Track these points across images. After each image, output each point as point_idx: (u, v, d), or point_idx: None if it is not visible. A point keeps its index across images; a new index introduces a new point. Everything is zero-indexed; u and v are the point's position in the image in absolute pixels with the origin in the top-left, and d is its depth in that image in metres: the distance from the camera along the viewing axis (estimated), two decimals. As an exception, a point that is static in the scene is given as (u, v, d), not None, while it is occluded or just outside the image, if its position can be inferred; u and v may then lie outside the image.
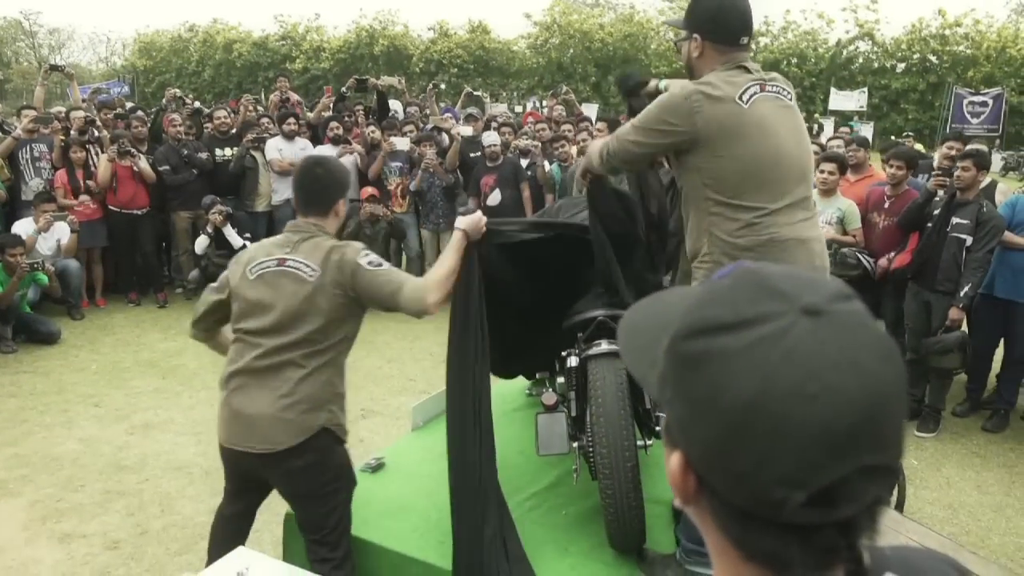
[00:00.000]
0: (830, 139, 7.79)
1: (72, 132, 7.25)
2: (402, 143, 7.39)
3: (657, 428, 2.57)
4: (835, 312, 0.59)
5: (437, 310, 2.41)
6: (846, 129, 8.03)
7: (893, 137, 16.78)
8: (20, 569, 3.26)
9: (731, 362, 0.58)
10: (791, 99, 2.27)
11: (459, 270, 2.46)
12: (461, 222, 2.51)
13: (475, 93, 10.66)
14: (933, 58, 25.00)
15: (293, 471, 2.39)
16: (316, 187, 2.52)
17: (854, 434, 0.56)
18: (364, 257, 2.40)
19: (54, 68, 9.18)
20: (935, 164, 5.59)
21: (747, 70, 2.20)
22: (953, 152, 5.27)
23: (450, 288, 2.44)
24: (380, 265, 2.42)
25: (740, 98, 2.14)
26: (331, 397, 2.43)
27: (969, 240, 4.61)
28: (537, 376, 3.45)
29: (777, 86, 2.23)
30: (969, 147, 5.21)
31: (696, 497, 0.65)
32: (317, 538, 2.46)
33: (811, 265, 2.21)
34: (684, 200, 2.34)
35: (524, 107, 14.95)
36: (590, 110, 12.52)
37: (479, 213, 2.57)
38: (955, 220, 4.68)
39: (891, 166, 5.29)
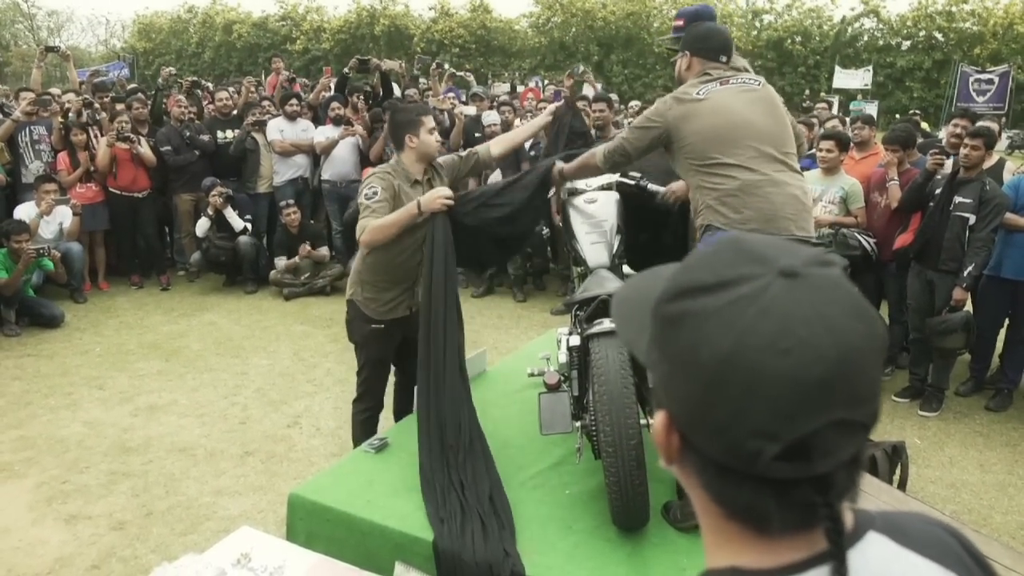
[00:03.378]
0: (828, 119, 7.74)
1: (70, 115, 7.22)
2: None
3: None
4: (811, 274, 0.61)
5: (365, 246, 3.14)
6: (834, 119, 7.94)
7: (898, 116, 16.62)
8: (27, 550, 3.28)
9: (709, 320, 0.61)
10: (759, 85, 2.76)
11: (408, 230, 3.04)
12: (425, 199, 2.98)
13: (458, 74, 10.46)
14: (939, 35, 24.75)
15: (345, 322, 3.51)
16: (389, 130, 3.48)
17: (826, 388, 0.58)
18: (365, 190, 3.14)
19: (49, 49, 9.11)
20: (943, 142, 5.52)
21: (711, 76, 2.73)
22: (959, 130, 5.21)
23: (381, 238, 3.03)
24: (370, 198, 3.08)
25: (697, 94, 2.69)
26: (358, 281, 3.34)
27: (972, 219, 4.57)
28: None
29: (742, 79, 2.74)
30: (978, 124, 5.15)
31: (680, 456, 0.67)
32: (356, 371, 3.55)
33: (790, 203, 2.56)
34: (692, 189, 2.76)
35: (524, 85, 14.81)
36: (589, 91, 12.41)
37: (442, 189, 3.05)
38: (958, 199, 4.63)
39: (888, 149, 5.27)
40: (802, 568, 0.64)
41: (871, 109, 17.74)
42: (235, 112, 7.92)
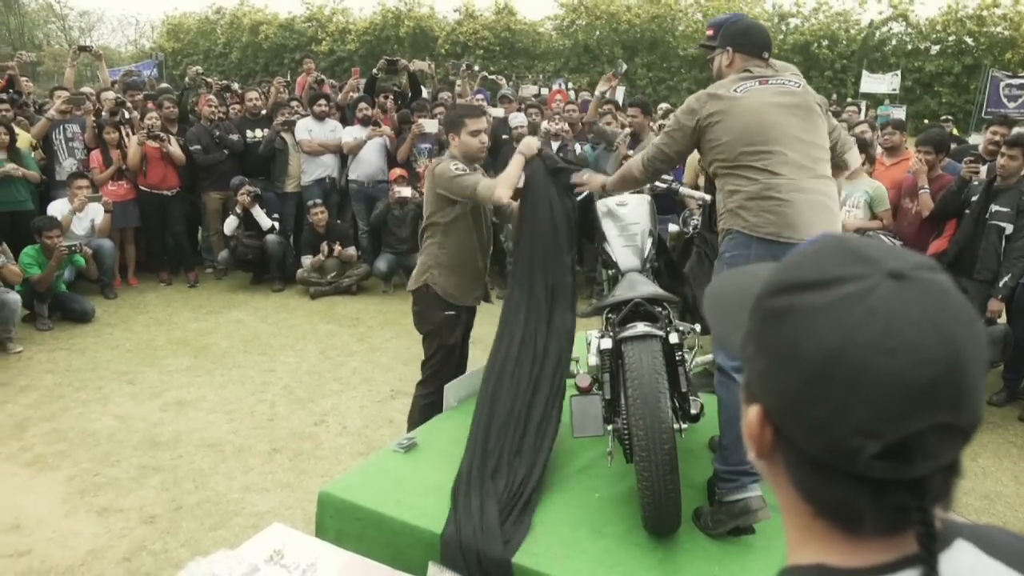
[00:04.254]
0: (856, 124, 7.65)
1: (103, 113, 7.32)
2: (431, 125, 7.36)
3: (693, 412, 2.56)
4: (919, 278, 0.61)
5: (506, 200, 3.21)
6: (872, 113, 7.82)
7: (926, 121, 16.40)
8: (60, 541, 3.33)
9: (814, 316, 0.61)
10: (799, 87, 2.68)
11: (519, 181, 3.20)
12: (521, 146, 3.22)
13: (490, 77, 10.43)
14: (969, 40, 24.37)
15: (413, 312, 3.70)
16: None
17: (931, 390, 0.58)
18: (451, 166, 3.32)
19: (83, 49, 9.25)
20: (980, 148, 5.44)
21: (752, 74, 2.66)
22: (997, 137, 5.13)
23: (510, 189, 3.17)
24: (461, 172, 3.28)
25: (735, 91, 2.62)
26: (434, 265, 3.45)
27: (1009, 228, 4.50)
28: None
29: (782, 80, 2.67)
30: (1015, 132, 5.07)
31: (771, 450, 0.68)
32: (423, 361, 3.71)
33: (814, 210, 2.50)
34: (717, 191, 2.73)
35: (549, 88, 14.79)
36: (617, 93, 12.37)
37: (534, 139, 3.26)
38: (994, 207, 4.57)
39: (919, 151, 5.18)
40: (891, 570, 0.64)
41: (899, 114, 17.52)
42: (264, 112, 7.99)
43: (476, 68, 9.31)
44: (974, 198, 4.67)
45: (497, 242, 3.74)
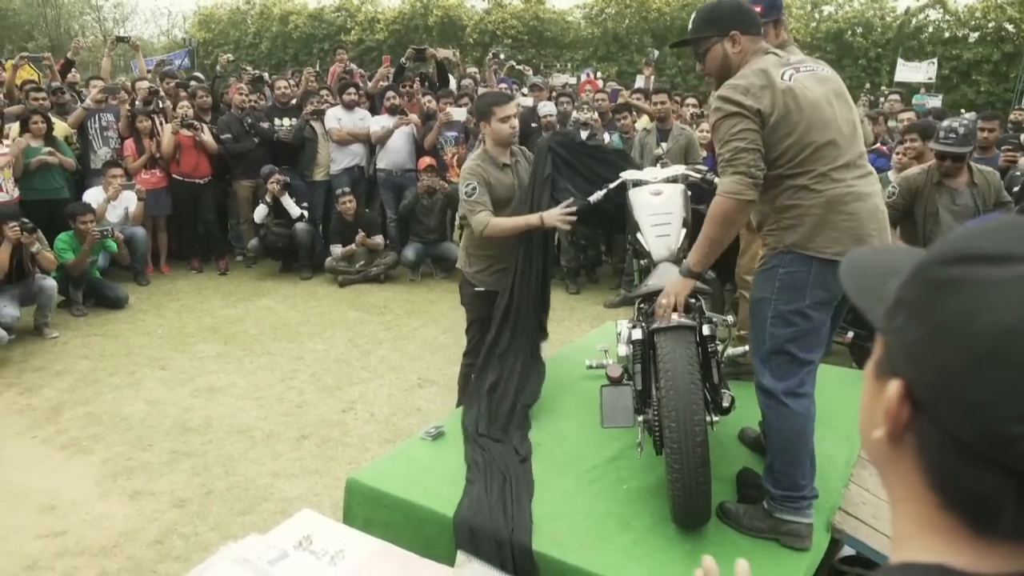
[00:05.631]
0: (900, 112, 7.47)
1: (136, 103, 7.41)
2: (458, 113, 7.35)
3: (725, 405, 2.52)
4: None
5: (485, 239, 3.44)
6: (910, 112, 7.52)
7: (963, 111, 15.99)
8: (94, 523, 3.38)
9: (992, 290, 0.56)
10: (829, 72, 2.40)
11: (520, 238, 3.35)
12: (548, 215, 3.26)
13: (517, 67, 10.33)
14: (1010, 26, 23.73)
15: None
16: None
17: None
18: (464, 187, 3.48)
19: (120, 40, 9.38)
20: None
21: (783, 61, 2.35)
22: None
23: (499, 236, 3.37)
24: (470, 196, 3.43)
25: (782, 77, 2.28)
26: (467, 254, 3.74)
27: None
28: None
29: (809, 65, 2.38)
30: None
31: (904, 430, 0.63)
32: (465, 329, 3.90)
33: (875, 218, 2.29)
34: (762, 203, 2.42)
35: (579, 77, 14.67)
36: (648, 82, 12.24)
37: (560, 209, 3.26)
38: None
39: (906, 139, 5.01)
40: None
41: (934, 103, 17.13)
42: (294, 101, 8.03)
43: (503, 56, 9.24)
44: (1016, 188, 4.55)
45: None
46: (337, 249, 7.33)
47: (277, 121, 7.74)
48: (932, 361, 0.59)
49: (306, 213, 7.39)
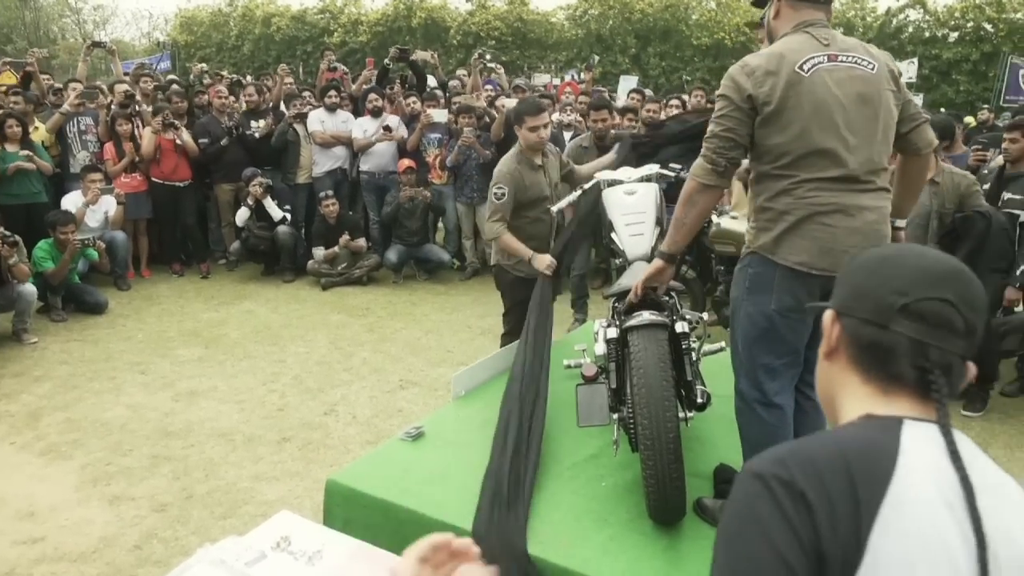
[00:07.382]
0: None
1: (113, 106, 7.37)
2: (440, 115, 7.36)
3: (700, 401, 2.55)
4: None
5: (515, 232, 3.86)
6: None
7: (943, 109, 16.16)
8: (74, 528, 3.37)
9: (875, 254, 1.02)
10: (873, 69, 2.18)
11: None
12: (537, 261, 3.67)
13: (490, 64, 10.23)
14: (988, 26, 24.00)
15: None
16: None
17: (943, 277, 0.94)
18: (495, 189, 3.85)
19: (96, 44, 9.33)
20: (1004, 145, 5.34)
21: (819, 41, 2.16)
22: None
23: (505, 251, 3.92)
24: (499, 198, 3.81)
25: (799, 68, 2.10)
26: (502, 245, 3.95)
27: (1023, 215, 4.44)
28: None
29: (854, 58, 2.16)
30: (1018, 117, 5.00)
31: (837, 342, 1.00)
32: (502, 314, 4.27)
33: (857, 236, 2.15)
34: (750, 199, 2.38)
35: (562, 78, 14.70)
36: (630, 82, 12.32)
37: (549, 258, 3.63)
38: (1007, 195, 4.51)
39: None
40: (918, 421, 0.91)
41: (916, 102, 17.27)
42: (265, 106, 7.96)
43: (488, 57, 9.22)
44: (986, 186, 4.61)
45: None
46: (320, 251, 7.32)
47: (254, 123, 7.71)
48: (846, 288, 1.01)
49: (288, 216, 7.37)
